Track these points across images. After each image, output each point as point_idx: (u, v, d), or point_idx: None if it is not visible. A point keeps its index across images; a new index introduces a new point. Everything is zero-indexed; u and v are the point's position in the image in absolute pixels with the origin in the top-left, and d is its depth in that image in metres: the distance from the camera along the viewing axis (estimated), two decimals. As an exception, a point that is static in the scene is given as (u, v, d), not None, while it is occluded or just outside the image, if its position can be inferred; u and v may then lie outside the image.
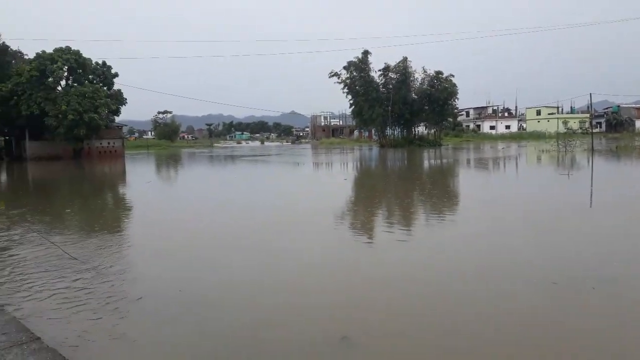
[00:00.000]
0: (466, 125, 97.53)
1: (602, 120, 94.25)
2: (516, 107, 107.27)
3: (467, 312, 5.09)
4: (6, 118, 46.36)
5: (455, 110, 67.00)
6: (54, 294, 5.68)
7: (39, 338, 4.11)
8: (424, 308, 5.27)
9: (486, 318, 4.94)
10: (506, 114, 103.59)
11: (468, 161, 32.14)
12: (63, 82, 48.12)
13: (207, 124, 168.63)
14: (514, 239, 8.37)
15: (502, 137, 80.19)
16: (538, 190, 15.58)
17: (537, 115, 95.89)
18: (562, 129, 72.39)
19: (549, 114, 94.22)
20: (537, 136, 75.75)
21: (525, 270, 6.42)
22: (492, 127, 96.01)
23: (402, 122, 62.40)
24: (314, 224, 10.22)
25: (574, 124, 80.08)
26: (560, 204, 12.41)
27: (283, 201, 14.52)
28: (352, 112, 64.60)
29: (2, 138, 56.07)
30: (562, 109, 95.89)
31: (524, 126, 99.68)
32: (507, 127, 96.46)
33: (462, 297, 5.52)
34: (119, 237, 9.46)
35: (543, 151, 37.19)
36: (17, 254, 7.66)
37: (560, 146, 35.86)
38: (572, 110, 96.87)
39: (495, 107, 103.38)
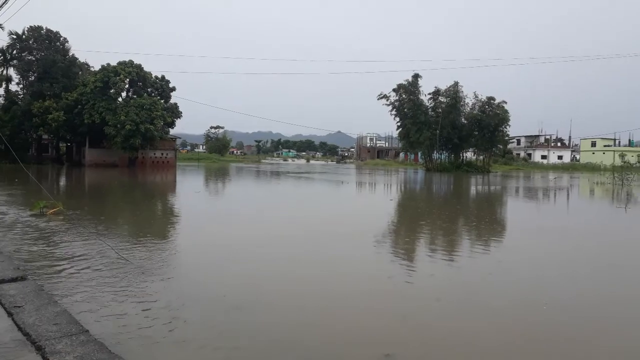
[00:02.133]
0: (517, 154, 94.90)
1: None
2: (570, 137, 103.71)
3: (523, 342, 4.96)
4: (70, 125, 49.09)
5: (506, 138, 65.32)
6: (103, 291, 5.96)
7: (87, 330, 4.32)
8: (474, 333, 5.18)
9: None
10: (559, 144, 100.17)
11: (517, 190, 31.24)
12: (124, 94, 50.58)
13: (256, 141, 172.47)
14: (567, 271, 8.08)
15: (554, 167, 77.38)
16: (594, 223, 14.96)
17: (592, 146, 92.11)
18: (618, 162, 69.30)
19: (604, 145, 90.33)
20: (592, 168, 72.73)
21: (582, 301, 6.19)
22: (543, 157, 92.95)
23: (450, 147, 61.48)
24: (358, 245, 10.23)
25: (632, 158, 76.35)
26: (621, 237, 11.86)
27: (327, 219, 14.58)
28: (399, 134, 64.24)
29: (65, 144, 59.37)
30: (619, 142, 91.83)
31: (577, 157, 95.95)
32: (560, 157, 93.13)
33: (512, 328, 5.39)
34: (168, 243, 9.78)
35: (597, 183, 35.66)
36: (71, 253, 8.08)
37: (616, 179, 34.29)
38: (631, 144, 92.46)
39: (548, 137, 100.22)
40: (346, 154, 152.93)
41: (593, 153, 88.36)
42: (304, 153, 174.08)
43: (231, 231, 11.40)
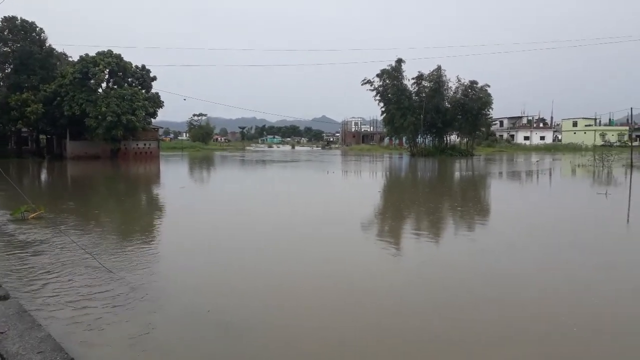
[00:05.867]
0: (499, 135, 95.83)
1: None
2: (552, 117, 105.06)
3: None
4: (49, 118, 48.25)
5: (489, 120, 65.88)
6: (87, 310, 5.91)
7: (73, 359, 4.29)
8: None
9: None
10: (541, 125, 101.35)
11: (500, 174, 31.65)
12: (104, 85, 49.69)
13: (240, 127, 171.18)
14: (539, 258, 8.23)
15: (537, 148, 78.37)
16: (577, 213, 15.20)
17: (574, 126, 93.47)
18: (599, 142, 70.43)
19: (585, 125, 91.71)
20: (573, 148, 73.97)
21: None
22: (526, 138, 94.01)
23: (434, 131, 61.84)
24: (354, 244, 10.29)
25: (612, 137, 77.52)
26: (603, 232, 12.07)
27: (317, 215, 14.60)
28: (384, 119, 64.40)
29: (45, 137, 58.34)
30: (600, 121, 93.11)
31: (560, 137, 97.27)
32: (542, 138, 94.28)
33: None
34: (155, 249, 9.69)
35: (579, 165, 36.24)
36: (52, 265, 7.98)
37: (597, 160, 34.74)
38: (611, 123, 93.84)
39: (530, 118, 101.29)
40: (331, 139, 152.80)
41: (574, 133, 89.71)
42: (289, 139, 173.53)
43: (217, 234, 11.37)
